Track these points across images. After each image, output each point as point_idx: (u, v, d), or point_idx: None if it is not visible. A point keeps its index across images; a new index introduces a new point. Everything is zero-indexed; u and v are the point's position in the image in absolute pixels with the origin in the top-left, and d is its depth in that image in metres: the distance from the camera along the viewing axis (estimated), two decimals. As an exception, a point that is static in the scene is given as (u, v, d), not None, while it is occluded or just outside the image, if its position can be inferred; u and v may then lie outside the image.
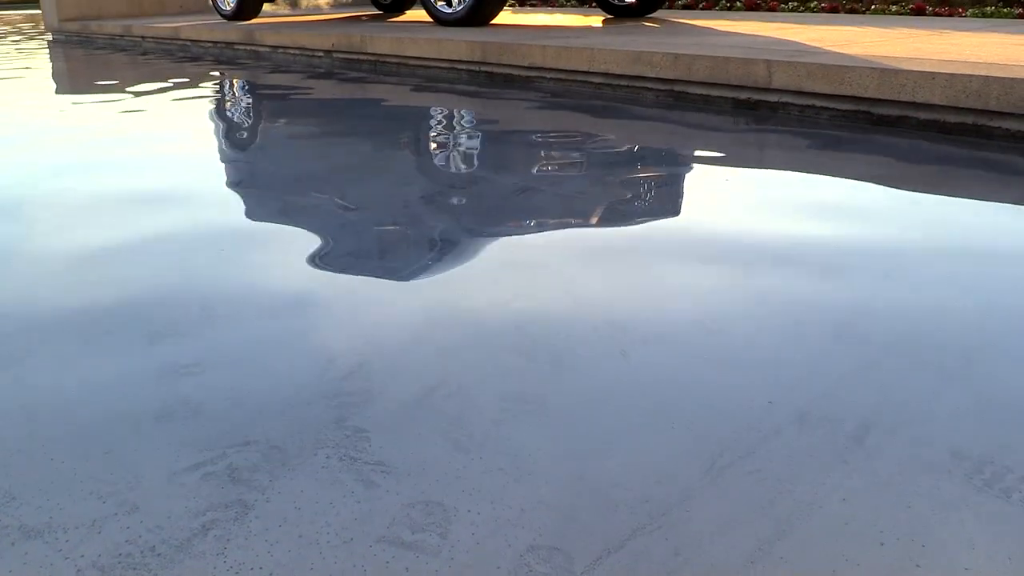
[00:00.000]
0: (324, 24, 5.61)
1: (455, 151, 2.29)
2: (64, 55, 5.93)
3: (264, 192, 1.86)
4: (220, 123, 2.83)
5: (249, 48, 5.36)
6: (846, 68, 2.46)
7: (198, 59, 5.19)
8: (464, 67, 3.83)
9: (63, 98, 3.57)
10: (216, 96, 3.50)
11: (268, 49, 5.20)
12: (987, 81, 2.17)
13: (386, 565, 0.67)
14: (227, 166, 2.16)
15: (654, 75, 2.99)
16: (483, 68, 3.73)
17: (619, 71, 3.10)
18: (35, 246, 1.50)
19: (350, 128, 2.66)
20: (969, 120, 2.26)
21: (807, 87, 2.57)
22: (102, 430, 0.87)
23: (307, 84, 3.81)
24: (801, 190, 1.79)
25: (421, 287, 1.26)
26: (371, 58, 4.38)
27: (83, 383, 0.98)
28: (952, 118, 2.29)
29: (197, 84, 3.89)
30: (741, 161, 2.06)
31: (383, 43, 4.25)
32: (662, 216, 1.61)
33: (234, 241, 1.50)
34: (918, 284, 1.23)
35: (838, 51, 2.84)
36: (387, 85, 3.70)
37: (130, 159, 2.22)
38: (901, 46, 2.97)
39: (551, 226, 1.56)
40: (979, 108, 2.21)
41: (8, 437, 0.87)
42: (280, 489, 0.77)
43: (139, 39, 6.67)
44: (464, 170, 2.05)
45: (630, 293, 1.22)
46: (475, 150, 2.30)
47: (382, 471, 0.79)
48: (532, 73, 3.50)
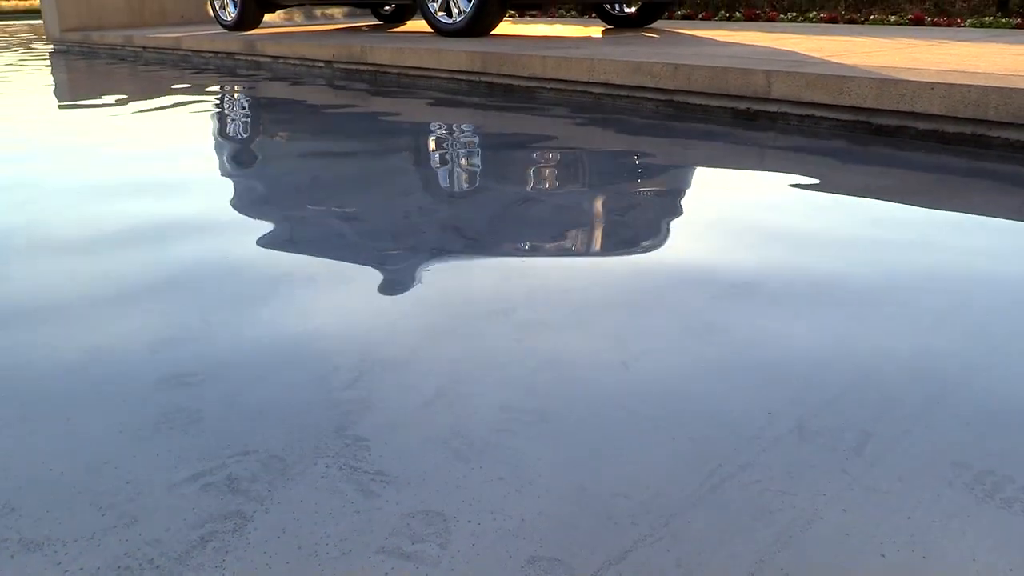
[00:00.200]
0: (324, 35, 5.63)
1: (454, 161, 2.29)
2: (66, 65, 5.95)
3: (264, 202, 1.86)
4: (220, 134, 2.83)
5: (250, 58, 5.38)
6: (845, 78, 2.46)
7: (199, 69, 5.20)
8: (464, 77, 3.84)
9: (64, 107, 3.58)
10: (216, 107, 3.51)
11: (269, 59, 5.21)
12: (985, 91, 2.18)
13: (386, 576, 0.67)
14: (227, 177, 2.16)
15: (654, 85, 3.00)
16: (483, 78, 3.74)
17: (619, 81, 3.12)
18: (35, 256, 1.50)
19: (349, 138, 2.66)
20: (968, 130, 2.26)
21: (806, 97, 2.58)
22: (102, 441, 0.87)
23: (306, 94, 3.82)
24: (800, 199, 1.79)
25: (421, 296, 1.26)
26: (371, 68, 4.39)
27: (82, 393, 0.97)
28: (951, 128, 2.30)
29: (197, 95, 3.90)
30: (740, 171, 2.06)
31: (383, 53, 4.27)
32: (663, 227, 1.61)
33: (234, 250, 1.50)
34: (917, 294, 1.23)
35: (837, 61, 2.85)
36: (387, 96, 3.71)
37: (132, 168, 2.23)
38: (900, 56, 2.98)
39: (551, 236, 1.57)
40: (978, 118, 2.21)
41: (7, 449, 0.86)
42: (279, 499, 0.76)
43: (140, 49, 6.70)
44: (464, 180, 2.05)
45: (630, 304, 1.22)
46: (475, 159, 2.30)
47: (382, 480, 0.79)
48: (532, 83, 3.51)
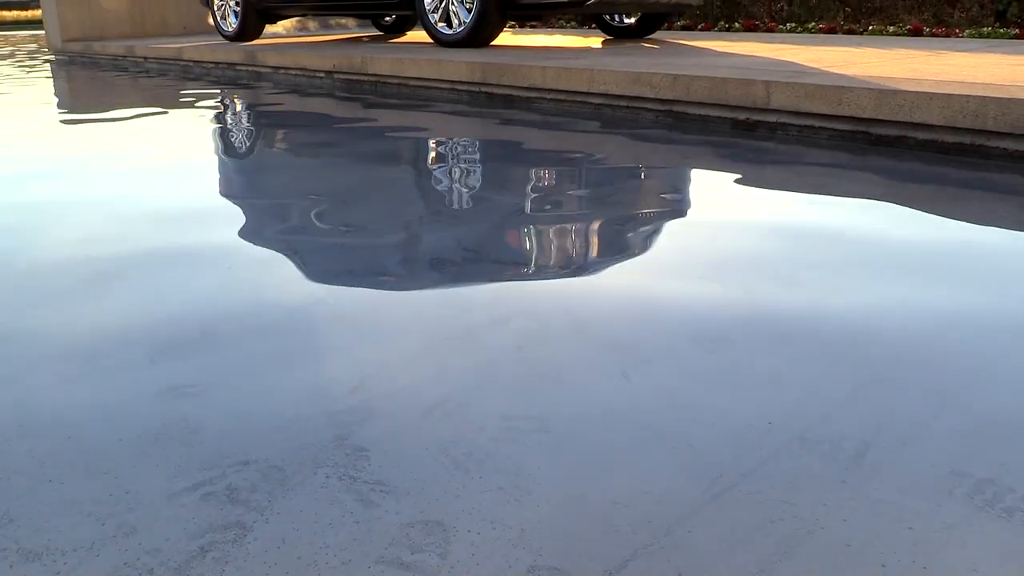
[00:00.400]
0: (325, 45, 5.65)
1: (454, 171, 2.29)
2: (67, 75, 5.97)
3: (264, 212, 1.86)
4: (221, 144, 2.84)
5: (251, 69, 5.40)
6: (844, 88, 2.47)
7: (200, 79, 5.22)
8: (464, 87, 3.85)
9: (66, 117, 3.59)
10: (217, 117, 3.52)
11: (270, 70, 5.23)
12: (984, 101, 2.19)
13: (385, 587, 0.66)
14: (228, 186, 2.17)
15: (653, 95, 3.01)
16: (483, 88, 3.75)
17: (618, 91, 3.13)
18: (35, 267, 1.50)
19: (350, 148, 2.67)
20: (967, 140, 2.27)
21: (805, 107, 2.58)
22: (101, 451, 0.87)
23: (307, 105, 3.83)
24: (799, 209, 1.79)
25: (421, 306, 1.26)
26: (372, 79, 4.41)
27: (82, 403, 0.97)
28: (950, 138, 2.30)
29: (198, 105, 3.91)
30: (739, 180, 2.07)
31: (383, 64, 4.28)
32: (663, 235, 1.61)
33: (234, 261, 1.50)
34: (916, 304, 1.23)
35: (836, 71, 2.86)
36: (387, 107, 3.72)
37: (133, 180, 2.23)
38: (899, 66, 2.99)
39: (551, 246, 1.57)
40: (976, 128, 2.22)
41: (7, 458, 0.86)
42: (279, 509, 0.76)
43: (142, 59, 6.72)
44: (464, 190, 2.06)
45: (631, 313, 1.22)
46: (474, 170, 2.31)
47: (381, 490, 0.79)
48: (532, 94, 3.52)
